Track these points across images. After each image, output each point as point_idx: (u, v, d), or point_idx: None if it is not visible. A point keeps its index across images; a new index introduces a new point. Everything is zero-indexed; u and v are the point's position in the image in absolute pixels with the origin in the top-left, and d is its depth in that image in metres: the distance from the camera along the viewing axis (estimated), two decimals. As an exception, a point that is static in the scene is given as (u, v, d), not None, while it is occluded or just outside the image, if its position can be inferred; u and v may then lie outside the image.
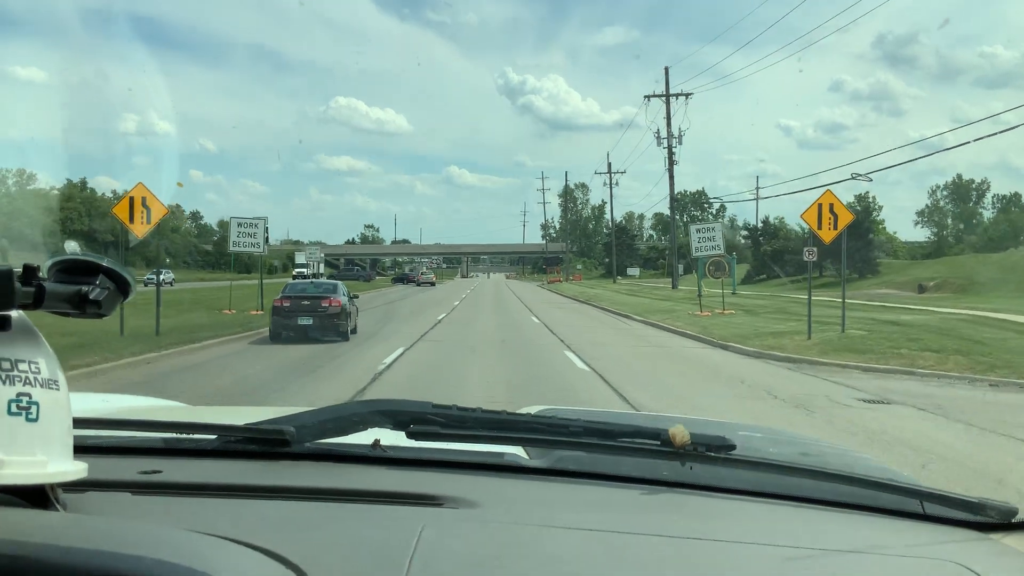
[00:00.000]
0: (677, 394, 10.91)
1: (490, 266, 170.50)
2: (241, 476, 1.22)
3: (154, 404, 2.22)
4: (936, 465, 6.73)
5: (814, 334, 16.40)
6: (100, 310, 0.90)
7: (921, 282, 44.59)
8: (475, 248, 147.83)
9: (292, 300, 17.23)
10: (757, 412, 9.14)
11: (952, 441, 7.84)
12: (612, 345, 17.51)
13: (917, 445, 7.53)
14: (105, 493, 1.09)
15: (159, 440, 1.40)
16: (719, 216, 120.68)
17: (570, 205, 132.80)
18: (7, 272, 0.77)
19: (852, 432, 8.10)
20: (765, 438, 1.80)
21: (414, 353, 15.14)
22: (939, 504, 1.22)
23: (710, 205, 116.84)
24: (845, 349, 14.66)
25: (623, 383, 11.35)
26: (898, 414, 9.30)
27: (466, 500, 1.14)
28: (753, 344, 16.26)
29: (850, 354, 14.14)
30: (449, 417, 1.29)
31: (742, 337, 17.39)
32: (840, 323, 17.16)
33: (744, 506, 1.24)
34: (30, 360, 0.87)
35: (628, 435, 1.31)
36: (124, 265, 0.96)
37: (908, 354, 13.64)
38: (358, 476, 1.27)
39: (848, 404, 9.84)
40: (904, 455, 7.04)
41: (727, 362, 14.61)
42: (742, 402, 9.99)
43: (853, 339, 15.75)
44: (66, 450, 0.90)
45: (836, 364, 13.50)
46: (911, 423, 8.75)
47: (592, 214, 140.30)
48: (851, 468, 1.37)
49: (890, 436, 8.01)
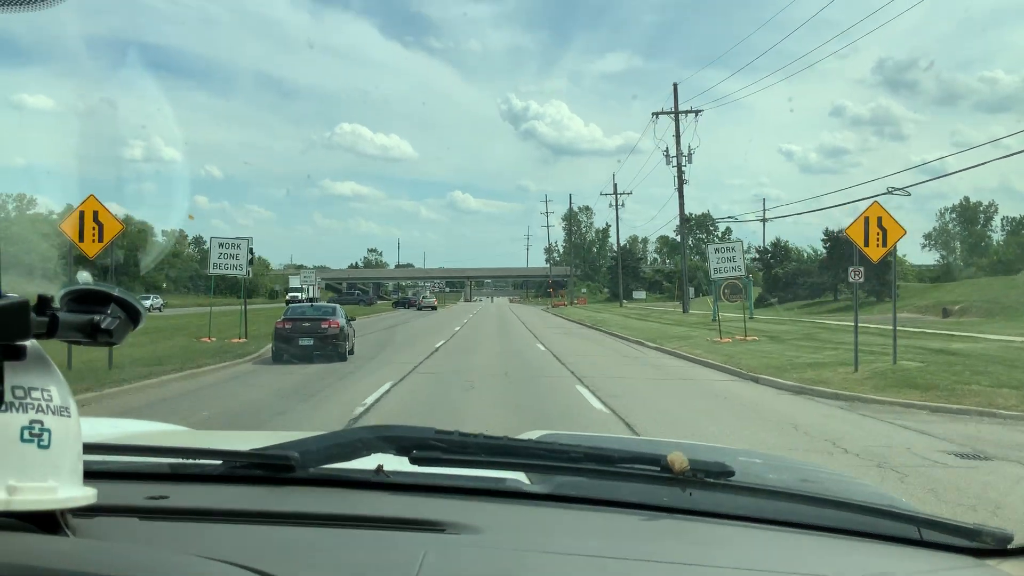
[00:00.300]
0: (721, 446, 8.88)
1: (494, 290, 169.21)
2: (247, 501, 1.23)
3: (162, 429, 2.22)
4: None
5: (861, 365, 14.39)
6: (112, 339, 0.92)
7: (945, 306, 42.46)
8: (478, 272, 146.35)
9: (293, 322, 18.00)
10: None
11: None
12: (630, 378, 15.51)
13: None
14: (113, 518, 1.10)
15: (166, 465, 1.39)
16: (726, 238, 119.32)
17: (574, 228, 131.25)
18: (23, 303, 0.78)
19: (972, 507, 6.08)
20: (764, 464, 1.81)
21: (403, 389, 13.15)
22: (936, 531, 1.22)
23: (715, 227, 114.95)
24: (903, 384, 12.62)
25: (650, 428, 9.36)
26: (1009, 475, 7.29)
27: (468, 525, 1.14)
28: (790, 377, 14.24)
29: (911, 391, 12.09)
30: (451, 443, 1.29)
31: (776, 368, 15.38)
32: (887, 352, 15.18)
33: (744, 532, 1.23)
34: (43, 388, 0.88)
35: (628, 461, 1.31)
36: (132, 293, 0.99)
37: (981, 391, 11.60)
38: (362, 501, 1.28)
39: (941, 461, 7.80)
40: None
41: (765, 400, 12.59)
42: (805, 456, 7.95)
43: (909, 372, 13.70)
44: (76, 476, 0.91)
45: (898, 403, 11.46)
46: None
47: (596, 237, 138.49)
48: (850, 494, 1.38)
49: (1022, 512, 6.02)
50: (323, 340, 17.51)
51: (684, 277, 47.12)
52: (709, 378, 15.66)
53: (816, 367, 15.24)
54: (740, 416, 10.93)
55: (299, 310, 19.37)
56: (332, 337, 17.63)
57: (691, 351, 20.27)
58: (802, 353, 18.20)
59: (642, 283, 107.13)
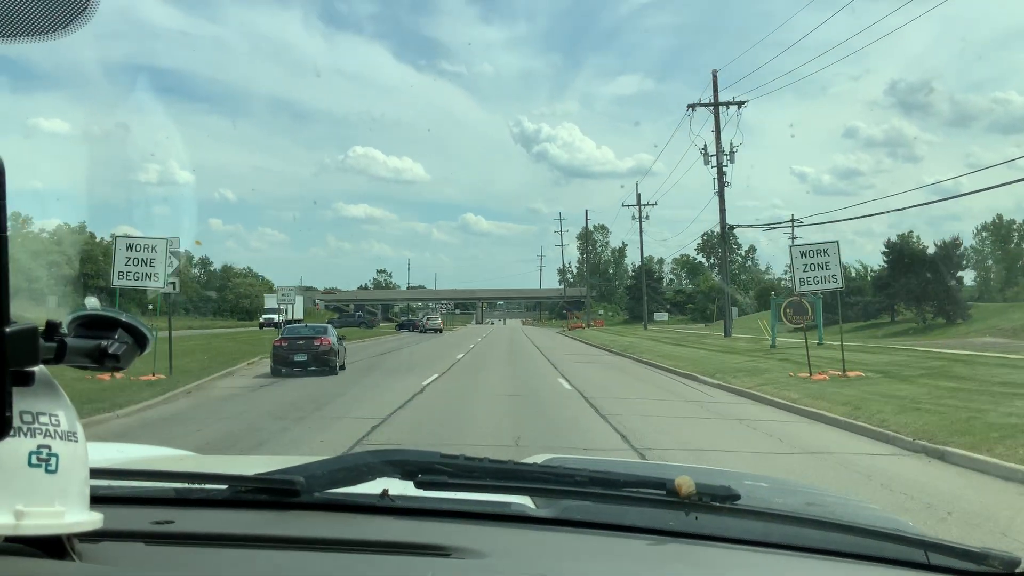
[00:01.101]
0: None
1: (506, 312, 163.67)
2: (252, 526, 1.23)
3: (167, 454, 2.22)
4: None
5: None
6: (119, 363, 0.92)
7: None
8: (490, 293, 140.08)
9: (289, 340, 19.93)
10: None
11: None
12: (720, 448, 9.54)
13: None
14: (119, 543, 1.09)
15: (171, 490, 1.39)
16: (750, 256, 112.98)
17: (589, 248, 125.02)
18: (32, 329, 0.78)
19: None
20: (771, 488, 1.82)
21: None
22: (943, 554, 1.21)
23: (739, 245, 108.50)
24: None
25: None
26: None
27: (473, 550, 1.14)
28: (1003, 448, 8.24)
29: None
30: (457, 467, 1.29)
31: (962, 433, 9.31)
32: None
33: (750, 557, 1.23)
34: (51, 413, 0.88)
35: (634, 485, 1.30)
36: (139, 319, 0.99)
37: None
38: (367, 526, 1.27)
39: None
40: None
41: (1003, 505, 6.62)
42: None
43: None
44: (83, 501, 0.91)
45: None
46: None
47: (612, 257, 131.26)
48: (857, 518, 1.39)
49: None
50: (316, 356, 19.49)
51: (727, 294, 40.44)
52: (847, 448, 9.62)
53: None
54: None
55: (295, 330, 21.32)
56: (323, 353, 19.62)
57: (781, 394, 14.23)
58: (966, 399, 12.06)
59: (661, 304, 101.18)
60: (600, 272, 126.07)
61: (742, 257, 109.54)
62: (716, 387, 17.14)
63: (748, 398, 15.00)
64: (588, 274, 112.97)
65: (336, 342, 20.57)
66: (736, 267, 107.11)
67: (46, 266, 59.52)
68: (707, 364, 21.94)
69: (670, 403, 14.59)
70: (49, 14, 0.90)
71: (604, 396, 15.10)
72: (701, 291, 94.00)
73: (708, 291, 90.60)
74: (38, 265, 57.07)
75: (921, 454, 8.96)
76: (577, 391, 16.16)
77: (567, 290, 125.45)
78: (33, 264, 57.03)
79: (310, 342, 19.70)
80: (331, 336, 20.45)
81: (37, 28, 0.91)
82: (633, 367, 24.71)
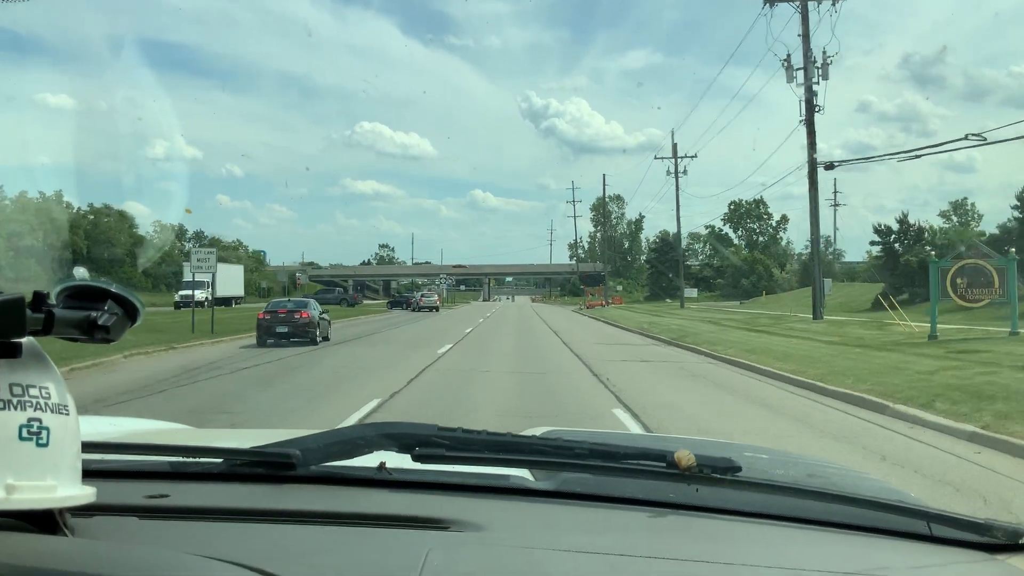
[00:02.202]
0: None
1: (514, 288, 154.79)
2: (247, 500, 1.22)
3: (161, 427, 2.20)
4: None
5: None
6: (108, 335, 0.90)
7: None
8: (497, 268, 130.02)
9: (271, 314, 21.56)
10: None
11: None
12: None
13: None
14: (112, 517, 1.08)
15: (166, 464, 1.38)
16: (783, 226, 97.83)
17: (605, 218, 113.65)
18: (18, 300, 0.78)
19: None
20: (771, 459, 1.79)
21: None
22: (946, 525, 1.20)
23: (768, 215, 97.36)
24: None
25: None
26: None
27: (472, 523, 1.13)
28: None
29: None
30: (455, 440, 1.27)
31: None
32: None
33: (751, 528, 1.23)
34: (40, 385, 0.87)
35: (634, 457, 1.30)
36: (130, 289, 0.95)
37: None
38: (364, 499, 1.26)
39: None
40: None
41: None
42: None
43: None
44: (75, 475, 0.90)
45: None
46: None
47: (628, 230, 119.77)
48: (858, 489, 1.37)
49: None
50: (296, 327, 21.13)
51: (816, 260, 28.66)
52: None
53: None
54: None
55: (280, 304, 22.99)
56: (304, 325, 21.23)
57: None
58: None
59: (687, 279, 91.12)
60: (616, 246, 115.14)
61: (772, 228, 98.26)
62: (971, 439, 7.76)
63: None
64: (606, 247, 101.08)
65: (318, 315, 21.98)
66: (766, 238, 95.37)
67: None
68: (867, 372, 12.44)
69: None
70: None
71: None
72: (732, 265, 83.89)
73: (742, 264, 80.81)
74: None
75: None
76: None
77: (579, 265, 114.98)
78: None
79: (291, 315, 21.25)
80: (312, 310, 21.92)
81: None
82: (719, 372, 15.13)
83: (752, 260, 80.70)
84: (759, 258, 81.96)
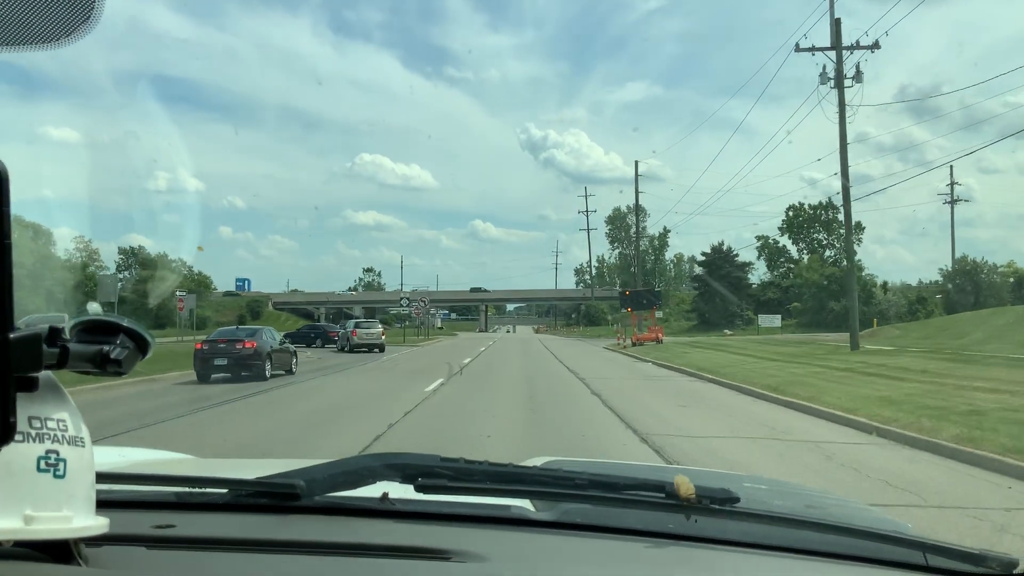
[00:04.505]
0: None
1: (516, 318, 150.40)
2: (252, 530, 1.23)
3: (167, 457, 2.20)
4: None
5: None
6: (120, 368, 0.92)
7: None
8: (497, 295, 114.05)
9: (211, 343, 19.52)
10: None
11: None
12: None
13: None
14: (121, 547, 1.09)
15: (172, 494, 1.39)
16: (858, 234, 70.71)
17: (620, 235, 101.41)
18: (36, 335, 0.80)
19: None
20: (770, 490, 1.80)
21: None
22: (942, 556, 1.21)
23: (839, 223, 68.43)
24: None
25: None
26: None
27: (474, 554, 1.13)
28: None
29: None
30: (457, 470, 1.28)
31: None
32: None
33: (750, 559, 1.22)
34: (57, 418, 0.89)
35: (633, 488, 1.29)
36: (141, 324, 0.97)
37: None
38: (367, 530, 1.26)
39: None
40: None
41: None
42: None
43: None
44: (89, 506, 0.91)
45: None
46: None
47: (650, 246, 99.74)
48: (855, 520, 1.37)
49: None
50: (238, 359, 19.10)
51: None
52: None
53: None
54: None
55: (222, 332, 20.75)
56: (247, 357, 19.04)
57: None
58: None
59: (744, 301, 68.46)
60: (637, 264, 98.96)
61: (839, 236, 72.10)
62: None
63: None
64: (637, 259, 77.43)
65: (268, 347, 19.76)
66: (834, 252, 72.90)
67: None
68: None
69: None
70: (53, 22, 0.90)
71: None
72: (812, 282, 64.05)
73: (827, 283, 61.23)
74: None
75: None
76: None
77: (594, 290, 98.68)
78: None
79: (232, 345, 19.19)
80: (262, 339, 19.65)
81: (41, 36, 0.91)
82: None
83: (839, 276, 56.44)
84: (862, 277, 58.84)
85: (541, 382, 19.27)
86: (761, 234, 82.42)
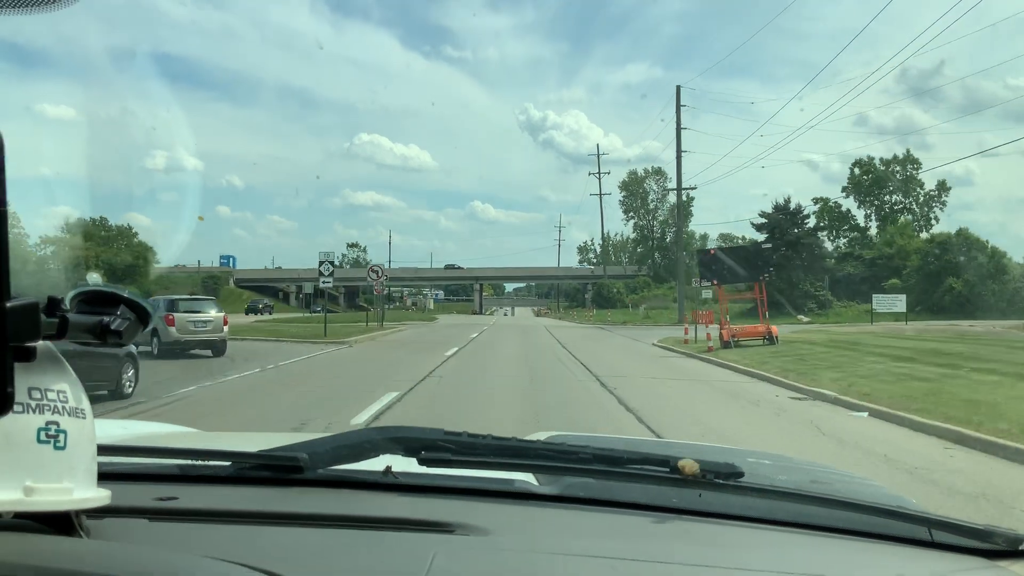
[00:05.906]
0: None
1: (514, 299, 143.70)
2: (255, 503, 1.23)
3: (170, 430, 2.21)
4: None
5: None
6: (120, 339, 0.93)
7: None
8: (494, 272, 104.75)
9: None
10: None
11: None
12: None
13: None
14: (123, 519, 1.10)
15: (175, 467, 1.39)
16: (941, 195, 64.12)
17: (636, 203, 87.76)
18: (33, 305, 0.79)
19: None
20: (774, 465, 1.79)
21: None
22: (947, 532, 1.21)
23: (921, 183, 61.39)
24: None
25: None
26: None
27: (477, 527, 1.13)
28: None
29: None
30: (460, 444, 1.28)
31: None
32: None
33: (754, 533, 1.22)
34: (58, 389, 0.89)
35: (637, 462, 1.30)
36: (143, 296, 0.98)
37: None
38: (370, 503, 1.27)
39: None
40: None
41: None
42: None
43: None
44: (90, 477, 0.92)
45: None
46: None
47: (669, 217, 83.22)
48: (860, 495, 1.37)
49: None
50: None
51: None
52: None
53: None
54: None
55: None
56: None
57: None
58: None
59: (816, 278, 51.08)
60: (656, 238, 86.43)
61: (922, 198, 62.37)
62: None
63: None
64: (680, 217, 57.90)
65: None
66: (918, 217, 62.69)
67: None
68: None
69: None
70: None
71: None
72: (915, 252, 48.72)
73: (939, 252, 46.58)
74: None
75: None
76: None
77: (606, 268, 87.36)
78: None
79: None
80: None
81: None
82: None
83: (951, 245, 44.83)
84: (974, 240, 46.16)
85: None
86: (819, 196, 67.00)
